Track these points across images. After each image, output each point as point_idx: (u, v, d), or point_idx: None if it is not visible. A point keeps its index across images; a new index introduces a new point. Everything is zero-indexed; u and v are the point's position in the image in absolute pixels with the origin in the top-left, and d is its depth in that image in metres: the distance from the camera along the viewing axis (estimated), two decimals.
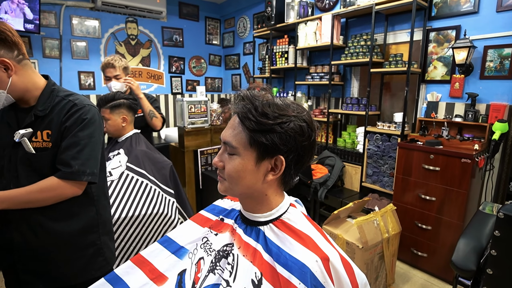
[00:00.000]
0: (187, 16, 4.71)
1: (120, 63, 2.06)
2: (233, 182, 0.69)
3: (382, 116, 3.04)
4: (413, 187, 2.38)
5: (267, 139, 0.64)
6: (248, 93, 0.67)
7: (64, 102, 1.06)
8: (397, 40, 2.85)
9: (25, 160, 1.03)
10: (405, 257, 2.49)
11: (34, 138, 1.02)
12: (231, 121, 0.70)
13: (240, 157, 0.67)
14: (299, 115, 0.67)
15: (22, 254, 1.07)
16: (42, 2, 3.24)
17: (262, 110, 0.64)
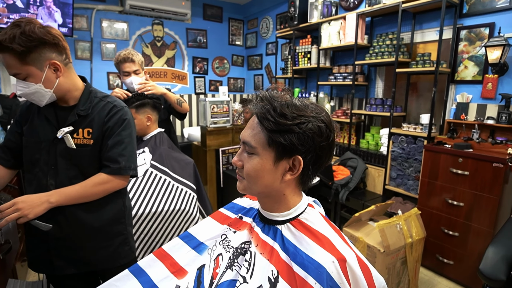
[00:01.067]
0: (211, 17, 4.79)
1: (138, 58, 1.96)
2: (251, 181, 0.71)
3: (407, 117, 2.95)
4: (440, 191, 2.29)
5: (285, 139, 0.65)
6: (267, 93, 0.68)
7: (103, 103, 1.15)
8: (425, 39, 2.76)
9: (66, 154, 1.10)
10: (429, 264, 2.40)
11: (76, 135, 1.10)
12: (250, 121, 0.71)
13: (258, 157, 0.68)
14: (318, 116, 0.67)
15: (57, 241, 1.14)
16: (75, 7, 3.41)
17: (281, 111, 0.65)
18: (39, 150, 1.12)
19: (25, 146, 1.14)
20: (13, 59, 0.97)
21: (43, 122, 1.12)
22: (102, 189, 1.12)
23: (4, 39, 0.94)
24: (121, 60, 1.91)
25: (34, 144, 1.12)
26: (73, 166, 1.12)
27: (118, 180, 1.15)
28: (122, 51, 1.93)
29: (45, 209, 1.03)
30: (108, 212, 1.21)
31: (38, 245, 1.16)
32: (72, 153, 1.11)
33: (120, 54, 1.92)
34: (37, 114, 1.14)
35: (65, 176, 1.12)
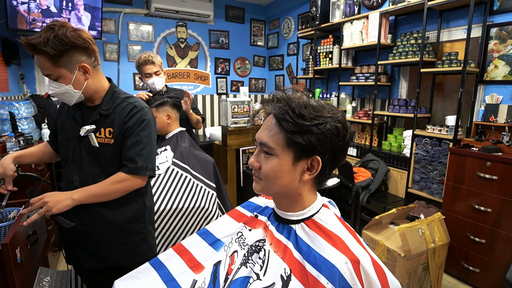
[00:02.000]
0: (233, 18, 4.85)
1: (157, 59, 2.04)
2: (269, 182, 0.71)
3: (432, 119, 2.85)
4: (466, 196, 2.21)
5: (305, 139, 0.65)
6: (284, 94, 0.69)
7: (125, 104, 1.19)
8: (452, 38, 2.66)
9: (90, 152, 1.16)
10: (453, 271, 2.32)
11: (98, 134, 1.15)
12: (266, 122, 0.72)
13: (277, 158, 0.69)
14: (334, 116, 0.68)
15: (80, 235, 1.22)
16: (103, 10, 3.57)
17: (299, 112, 0.65)
18: (68, 147, 1.19)
19: (59, 144, 1.23)
20: (46, 61, 1.03)
21: (71, 121, 1.19)
22: (121, 188, 1.15)
23: (38, 42, 0.99)
24: (142, 62, 1.99)
25: (64, 142, 1.20)
26: (96, 164, 1.17)
27: (136, 180, 1.17)
28: (142, 54, 2.02)
29: (68, 205, 1.09)
30: (129, 211, 1.25)
31: (66, 237, 1.26)
32: (96, 151, 1.16)
33: (141, 57, 2.00)
34: (67, 114, 1.22)
35: (89, 173, 1.17)
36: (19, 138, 2.05)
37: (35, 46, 1.00)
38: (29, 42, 1.00)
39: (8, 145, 1.97)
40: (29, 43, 1.00)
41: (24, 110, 2.36)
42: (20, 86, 3.40)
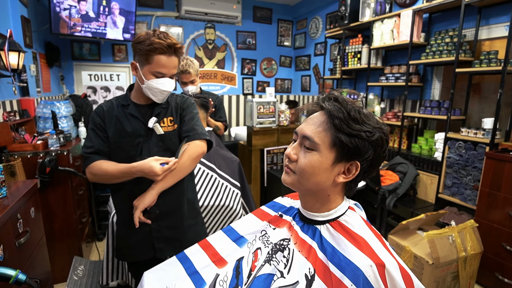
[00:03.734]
0: (261, 19, 4.88)
1: (194, 68, 2.16)
2: (304, 177, 0.70)
3: (467, 121, 2.71)
4: (503, 203, 2.08)
5: (352, 142, 0.66)
6: (342, 97, 0.70)
7: (174, 96, 1.36)
8: (492, 36, 2.51)
9: (157, 142, 1.27)
10: (487, 282, 2.19)
11: (162, 123, 1.28)
12: (313, 118, 0.72)
13: (319, 154, 0.68)
14: (382, 128, 0.69)
15: (159, 223, 1.29)
16: (137, 14, 3.74)
17: (354, 115, 0.66)
18: (133, 147, 1.24)
19: (117, 147, 1.24)
20: (178, 62, 1.22)
21: (131, 120, 1.25)
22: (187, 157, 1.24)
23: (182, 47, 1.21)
24: (179, 72, 2.15)
25: (127, 143, 1.24)
26: (165, 152, 1.27)
27: (199, 142, 1.29)
28: (181, 61, 2.10)
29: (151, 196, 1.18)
30: (193, 191, 1.42)
31: (137, 231, 1.26)
32: (163, 138, 1.27)
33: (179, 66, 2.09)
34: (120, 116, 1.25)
35: None
36: (60, 135, 2.20)
37: (178, 49, 1.19)
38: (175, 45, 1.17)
39: (49, 142, 2.12)
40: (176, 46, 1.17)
41: (64, 109, 2.53)
42: (60, 87, 3.65)
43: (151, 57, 1.15)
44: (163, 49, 1.14)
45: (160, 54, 1.15)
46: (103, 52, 3.96)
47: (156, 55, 1.15)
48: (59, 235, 2.16)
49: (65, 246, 2.19)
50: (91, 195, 2.81)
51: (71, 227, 2.20)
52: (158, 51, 1.14)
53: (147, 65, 1.17)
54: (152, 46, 1.13)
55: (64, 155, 2.11)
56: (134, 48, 1.18)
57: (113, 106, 1.26)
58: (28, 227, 1.34)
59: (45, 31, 3.06)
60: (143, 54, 1.15)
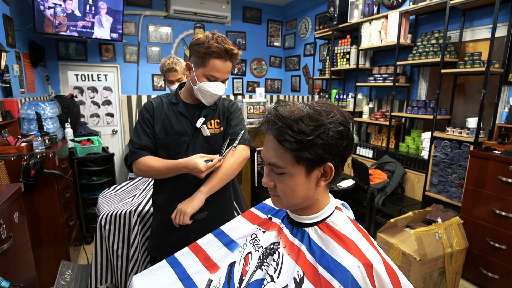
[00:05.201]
0: (251, 19, 4.88)
1: (181, 66, 2.07)
2: (288, 198, 0.71)
3: (452, 121, 2.77)
4: (486, 200, 2.14)
5: (312, 153, 0.64)
6: (278, 113, 0.66)
7: (222, 100, 1.37)
8: (476, 37, 2.57)
9: (203, 143, 1.28)
10: (472, 277, 2.25)
11: (209, 125, 1.29)
12: (268, 142, 0.70)
13: (290, 175, 0.68)
14: (334, 119, 0.65)
15: (197, 224, 1.27)
16: (124, 13, 3.69)
17: (298, 128, 0.63)
18: (178, 144, 1.26)
19: (163, 144, 1.26)
20: (232, 67, 1.21)
21: (180, 118, 1.27)
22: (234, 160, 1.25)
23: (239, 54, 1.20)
24: (166, 70, 2.08)
25: (173, 140, 1.26)
26: (209, 153, 1.24)
27: (244, 147, 1.29)
28: (167, 59, 2.06)
29: (200, 199, 1.18)
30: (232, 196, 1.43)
31: (176, 231, 1.28)
32: (209, 140, 1.28)
33: (165, 64, 2.06)
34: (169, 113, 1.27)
35: None
36: (45, 137, 2.15)
37: (234, 54, 1.18)
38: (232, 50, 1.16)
39: (34, 144, 2.07)
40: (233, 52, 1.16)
41: (49, 110, 2.47)
42: (45, 87, 3.56)
43: (207, 60, 1.15)
44: (220, 53, 1.14)
45: (216, 58, 1.15)
46: (90, 51, 3.89)
47: (212, 59, 1.15)
48: (45, 239, 2.12)
49: (52, 250, 2.14)
50: (79, 198, 2.76)
51: (58, 230, 2.15)
52: (215, 55, 1.14)
53: (202, 68, 1.18)
54: (210, 50, 1.13)
55: (50, 157, 2.07)
56: (191, 49, 1.19)
57: (162, 103, 1.28)
58: (11, 232, 1.30)
59: (29, 30, 2.98)
60: (199, 56, 1.16)
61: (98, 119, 4.08)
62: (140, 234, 1.70)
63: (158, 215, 1.36)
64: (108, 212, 1.74)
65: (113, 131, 4.18)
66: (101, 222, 1.72)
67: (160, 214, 1.34)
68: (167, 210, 1.27)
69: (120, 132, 4.23)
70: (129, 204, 1.83)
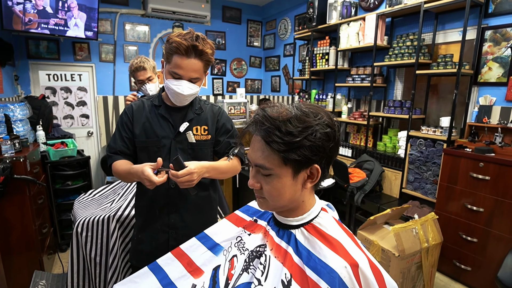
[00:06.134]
0: (230, 19, 4.85)
1: (149, 64, 1.98)
2: (274, 200, 0.71)
3: (427, 120, 2.88)
4: (459, 196, 2.24)
5: (299, 154, 0.65)
6: (266, 114, 0.66)
7: (209, 105, 1.32)
8: (447, 40, 2.69)
9: (187, 149, 1.23)
10: (446, 269, 2.35)
11: (195, 131, 1.25)
12: (256, 143, 0.70)
13: (277, 176, 0.68)
14: (321, 121, 0.66)
15: (177, 231, 1.25)
16: (100, 11, 3.56)
17: (286, 130, 0.63)
18: (159, 148, 1.22)
19: (144, 147, 1.22)
20: (202, 66, 1.15)
21: (162, 122, 1.23)
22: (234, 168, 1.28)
23: (205, 49, 1.11)
24: (134, 69, 1.97)
25: (153, 144, 1.22)
26: (192, 160, 1.20)
27: (239, 163, 1.30)
28: (134, 59, 1.97)
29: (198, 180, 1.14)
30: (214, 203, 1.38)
31: (155, 238, 1.25)
32: (194, 146, 1.24)
33: (133, 64, 1.97)
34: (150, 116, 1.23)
35: None
36: (15, 140, 2.04)
37: (202, 51, 1.11)
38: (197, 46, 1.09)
39: (3, 148, 1.96)
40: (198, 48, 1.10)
41: (19, 112, 2.35)
42: (14, 87, 3.38)
43: (171, 56, 1.12)
44: (181, 49, 1.09)
45: (178, 55, 1.11)
46: (63, 50, 3.72)
47: (175, 55, 1.11)
48: (17, 248, 2.01)
49: (24, 260, 2.04)
50: (52, 204, 2.64)
51: (30, 239, 2.05)
52: (177, 51, 1.10)
53: (167, 65, 1.15)
54: (173, 46, 1.09)
55: (21, 162, 1.96)
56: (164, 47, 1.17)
57: (144, 105, 1.25)
58: None
59: None
60: (166, 53, 1.14)
61: (72, 120, 3.92)
62: (120, 240, 1.65)
63: (139, 220, 1.32)
64: (85, 218, 1.67)
65: (89, 133, 4.03)
66: (78, 228, 1.66)
67: (140, 219, 1.30)
68: (148, 215, 1.25)
69: (96, 134, 4.08)
70: (107, 210, 1.77)
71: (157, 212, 1.24)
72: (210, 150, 1.31)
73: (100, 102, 4.01)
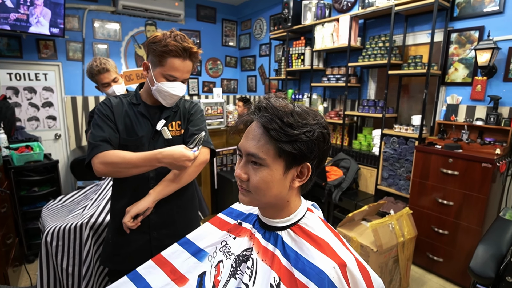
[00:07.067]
0: (205, 18, 4.79)
1: (111, 65, 1.82)
2: (260, 193, 0.69)
3: (399, 118, 3.00)
4: (430, 191, 2.34)
5: (295, 148, 0.65)
6: (269, 103, 0.67)
7: (183, 101, 1.32)
8: (417, 42, 2.81)
9: (164, 146, 1.19)
10: (420, 262, 2.45)
11: (170, 127, 1.24)
12: (250, 131, 0.69)
13: (268, 168, 0.67)
14: (319, 122, 0.68)
15: (159, 231, 1.22)
16: (66, 6, 3.38)
17: (287, 121, 0.64)
18: (138, 147, 1.18)
19: (124, 145, 1.18)
20: (192, 66, 1.16)
21: (140, 119, 1.20)
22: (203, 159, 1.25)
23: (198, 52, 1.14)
24: (96, 72, 1.78)
25: (133, 142, 1.18)
26: None
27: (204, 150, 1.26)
28: (93, 62, 1.79)
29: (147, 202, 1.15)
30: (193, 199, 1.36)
31: (137, 240, 1.21)
32: (170, 143, 1.21)
33: (93, 67, 1.78)
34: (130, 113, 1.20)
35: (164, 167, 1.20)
36: None
37: (193, 53, 1.13)
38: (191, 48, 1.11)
39: None
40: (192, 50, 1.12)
41: None
42: None
43: (165, 59, 1.10)
44: (179, 52, 1.09)
45: (175, 57, 1.10)
46: (26, 48, 3.49)
47: (170, 58, 1.10)
48: None
49: None
50: (17, 212, 2.46)
51: None
52: (173, 53, 1.09)
53: (160, 67, 1.12)
54: (167, 48, 1.08)
55: None
56: (148, 48, 1.13)
57: (122, 102, 1.21)
58: None
59: None
60: (157, 55, 1.10)
61: (37, 122, 3.68)
62: (94, 249, 1.56)
63: (114, 222, 1.25)
64: (55, 226, 1.57)
65: (56, 136, 3.81)
66: (47, 238, 1.55)
67: (116, 221, 1.23)
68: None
69: (64, 136, 3.87)
70: (79, 216, 1.67)
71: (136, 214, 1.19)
72: None
73: (68, 103, 3.81)
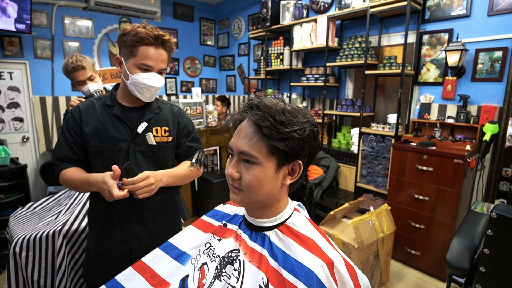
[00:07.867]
0: (182, 16, 4.70)
1: (88, 62, 1.77)
2: (252, 192, 0.68)
3: (376, 117, 3.08)
4: (407, 187, 2.42)
5: (287, 145, 0.65)
6: (261, 101, 0.68)
7: (168, 105, 1.26)
8: (391, 43, 2.89)
9: (146, 152, 1.15)
10: (399, 256, 2.53)
11: (155, 132, 1.17)
12: (242, 130, 0.69)
13: (260, 166, 0.67)
14: (310, 120, 0.69)
15: (141, 240, 1.17)
16: (33, 1, 3.19)
17: (280, 119, 0.65)
18: (115, 152, 1.12)
19: (98, 152, 1.11)
20: (166, 55, 1.11)
21: (116, 123, 1.12)
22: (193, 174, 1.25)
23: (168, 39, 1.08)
24: (71, 69, 1.73)
25: (108, 147, 1.11)
26: (152, 163, 1.16)
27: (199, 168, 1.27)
28: (68, 59, 1.74)
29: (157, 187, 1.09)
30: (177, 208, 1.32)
31: (116, 250, 1.15)
32: (154, 149, 1.16)
33: (68, 63, 1.73)
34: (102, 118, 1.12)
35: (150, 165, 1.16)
36: None
37: (166, 41, 1.08)
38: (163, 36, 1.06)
39: None
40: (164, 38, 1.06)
41: None
42: None
43: (136, 48, 1.05)
44: (150, 39, 1.04)
45: (146, 45, 1.05)
46: None
47: (142, 46, 1.05)
48: None
49: None
50: None
51: None
52: (144, 41, 1.04)
53: (132, 58, 1.06)
54: (138, 36, 1.03)
55: None
56: (119, 42, 1.08)
57: (94, 106, 1.14)
58: None
59: None
60: (128, 45, 1.05)
61: (2, 125, 3.45)
62: (68, 258, 1.48)
63: (95, 231, 1.19)
64: (24, 235, 1.47)
65: (24, 139, 3.60)
66: (15, 248, 1.45)
67: (97, 229, 1.17)
68: (106, 225, 1.13)
69: (33, 139, 3.65)
70: (51, 224, 1.58)
71: (116, 221, 1.14)
72: (171, 153, 1.24)
73: (37, 104, 3.60)
